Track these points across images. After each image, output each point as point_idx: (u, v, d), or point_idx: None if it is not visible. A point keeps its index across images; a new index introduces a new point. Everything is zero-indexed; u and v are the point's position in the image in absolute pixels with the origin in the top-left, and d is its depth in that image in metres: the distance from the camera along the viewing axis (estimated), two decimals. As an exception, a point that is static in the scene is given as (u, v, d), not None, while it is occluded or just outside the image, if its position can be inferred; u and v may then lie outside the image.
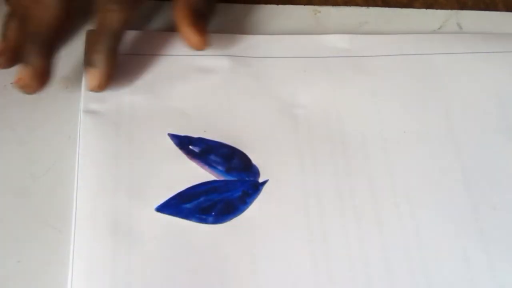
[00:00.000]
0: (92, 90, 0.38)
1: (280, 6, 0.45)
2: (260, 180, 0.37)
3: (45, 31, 0.37)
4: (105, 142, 0.37)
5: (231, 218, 0.35)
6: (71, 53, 0.42)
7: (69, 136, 0.38)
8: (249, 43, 0.42)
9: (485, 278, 0.34)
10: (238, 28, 0.44)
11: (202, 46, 0.39)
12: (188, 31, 0.39)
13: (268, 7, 0.45)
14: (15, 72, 0.41)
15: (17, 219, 0.35)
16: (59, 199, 0.36)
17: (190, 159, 0.37)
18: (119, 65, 0.39)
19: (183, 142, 0.38)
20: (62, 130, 0.39)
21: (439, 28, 0.45)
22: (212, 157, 0.37)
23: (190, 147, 0.38)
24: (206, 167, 0.37)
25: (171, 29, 0.41)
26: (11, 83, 0.41)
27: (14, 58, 0.38)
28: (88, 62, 0.39)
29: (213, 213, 0.35)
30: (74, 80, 0.41)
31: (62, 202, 0.36)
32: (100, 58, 0.37)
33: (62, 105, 0.40)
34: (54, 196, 0.36)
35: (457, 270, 0.34)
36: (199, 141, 0.38)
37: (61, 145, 0.38)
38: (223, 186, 0.37)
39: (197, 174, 0.37)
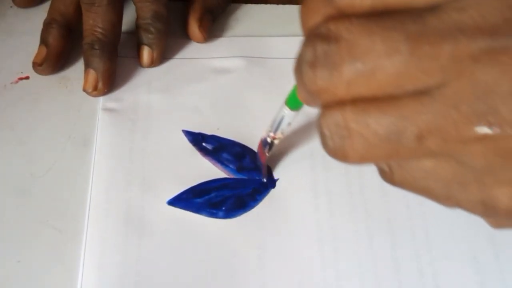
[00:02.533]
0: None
1: (280, 6, 0.45)
2: (272, 178, 0.37)
3: (106, 35, 0.39)
4: (121, 138, 0.38)
5: (241, 214, 0.36)
6: (71, 53, 0.42)
7: (69, 136, 0.38)
8: (264, 45, 0.43)
9: (494, 281, 0.34)
10: (238, 28, 0.44)
11: (201, 39, 0.42)
12: (193, 24, 0.42)
13: (268, 7, 0.45)
14: (16, 72, 0.42)
15: (17, 219, 0.35)
16: (59, 199, 0.36)
17: (203, 156, 0.38)
18: (136, 67, 0.41)
19: (196, 139, 0.38)
20: (62, 130, 0.39)
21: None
22: (225, 155, 0.38)
23: (203, 144, 0.38)
24: (218, 165, 0.37)
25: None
26: (11, 83, 0.41)
27: (57, 64, 0.41)
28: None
29: (223, 208, 0.36)
30: (74, 80, 0.41)
31: (62, 202, 0.36)
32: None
33: (62, 105, 0.40)
34: (54, 196, 0.36)
35: (465, 272, 0.34)
36: (212, 139, 0.38)
37: (61, 145, 0.38)
38: (234, 183, 0.37)
39: (209, 171, 0.37)
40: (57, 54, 0.40)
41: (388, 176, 0.23)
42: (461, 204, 0.22)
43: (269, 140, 0.33)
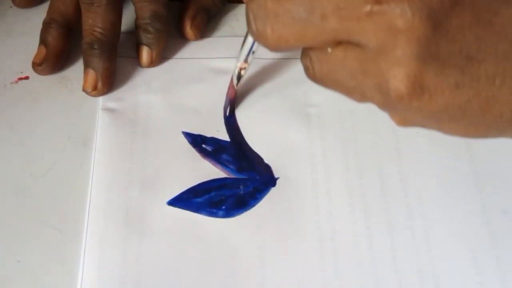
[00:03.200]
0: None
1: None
2: (272, 178, 0.37)
3: (105, 35, 0.39)
4: (121, 138, 0.38)
5: (241, 213, 0.36)
6: (70, 53, 0.42)
7: (69, 136, 0.38)
8: None
9: (494, 281, 0.34)
10: (238, 28, 0.44)
11: (192, 37, 0.42)
12: (185, 22, 0.42)
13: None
14: (16, 72, 0.42)
15: (17, 219, 0.35)
16: (59, 199, 0.36)
17: (203, 157, 0.38)
18: (136, 67, 0.41)
19: (196, 141, 0.38)
20: (62, 130, 0.39)
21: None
22: (224, 156, 0.38)
23: (203, 145, 0.38)
24: (218, 165, 0.37)
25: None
26: (11, 83, 0.41)
27: (56, 64, 0.41)
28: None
29: (223, 207, 0.36)
30: (74, 80, 0.41)
31: (62, 202, 0.36)
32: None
33: (62, 105, 0.40)
34: (54, 196, 0.36)
35: (465, 272, 0.34)
36: (212, 141, 0.38)
37: (61, 145, 0.38)
38: (234, 183, 0.37)
39: (209, 171, 0.37)
40: (56, 54, 0.40)
41: (310, 72, 0.25)
42: (365, 94, 0.24)
43: (237, 71, 0.36)
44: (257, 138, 0.39)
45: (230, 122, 0.39)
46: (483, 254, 0.34)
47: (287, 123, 0.39)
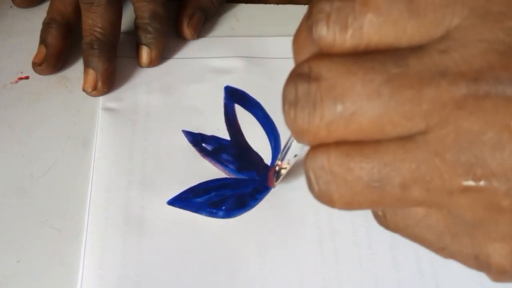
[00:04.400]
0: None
1: (280, 5, 0.45)
2: None
3: (105, 35, 0.39)
4: (121, 137, 0.38)
5: (241, 213, 0.36)
6: (70, 53, 0.42)
7: (69, 136, 0.38)
8: (264, 45, 0.43)
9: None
10: (238, 28, 0.44)
11: (189, 36, 0.43)
12: (182, 21, 0.42)
13: (268, 7, 0.45)
14: (16, 72, 0.41)
15: (17, 219, 0.35)
16: (59, 199, 0.36)
17: (203, 157, 0.38)
18: (136, 67, 0.41)
19: (196, 140, 0.38)
20: (62, 130, 0.39)
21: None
22: (224, 155, 0.38)
23: (203, 144, 0.38)
24: (218, 165, 0.37)
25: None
26: (11, 83, 0.41)
27: (56, 64, 0.41)
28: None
29: (223, 208, 0.36)
30: (73, 80, 0.41)
31: (62, 202, 0.36)
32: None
33: (62, 105, 0.40)
34: (54, 196, 0.36)
35: (465, 272, 0.34)
36: (212, 139, 0.38)
37: (61, 145, 0.38)
38: (234, 183, 0.37)
39: (209, 171, 0.37)
40: (56, 54, 0.40)
41: (382, 220, 0.22)
42: (454, 256, 0.21)
43: (277, 168, 0.33)
44: (257, 138, 0.39)
45: (233, 119, 0.39)
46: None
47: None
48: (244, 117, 0.39)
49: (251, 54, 0.42)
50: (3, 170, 0.37)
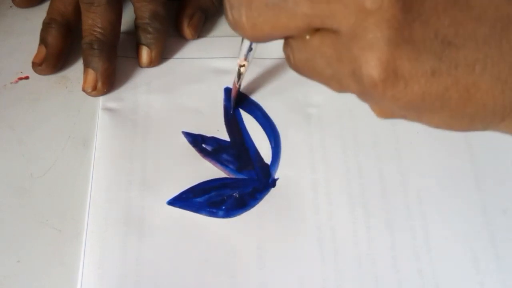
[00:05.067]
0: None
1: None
2: (272, 178, 0.37)
3: (105, 35, 0.39)
4: (121, 138, 0.38)
5: (241, 213, 0.36)
6: (70, 53, 0.42)
7: (69, 136, 0.38)
8: (263, 45, 0.42)
9: (494, 281, 0.34)
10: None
11: (189, 36, 0.42)
12: (182, 21, 0.42)
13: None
14: (16, 72, 0.41)
15: (17, 219, 0.35)
16: (59, 199, 0.36)
17: (203, 157, 0.38)
18: (136, 67, 0.41)
19: (196, 140, 0.38)
20: (62, 130, 0.39)
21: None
22: (224, 156, 0.38)
23: (203, 145, 0.38)
24: (218, 165, 0.37)
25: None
26: (11, 83, 0.41)
27: (56, 64, 0.41)
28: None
29: (223, 207, 0.36)
30: (73, 80, 0.41)
31: (62, 202, 0.36)
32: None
33: (62, 105, 0.40)
34: (54, 196, 0.36)
35: (465, 272, 0.34)
36: (212, 140, 0.38)
37: (61, 145, 0.38)
38: (234, 183, 0.37)
39: (209, 171, 0.37)
40: (56, 54, 0.40)
41: (290, 60, 0.25)
42: (342, 83, 0.23)
43: (236, 69, 0.35)
44: (257, 138, 0.39)
45: (233, 119, 0.39)
46: (483, 254, 0.34)
47: (287, 123, 0.39)
48: (243, 117, 0.39)
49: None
50: (3, 170, 0.37)
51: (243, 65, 0.35)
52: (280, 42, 0.25)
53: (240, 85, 0.38)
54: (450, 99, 0.22)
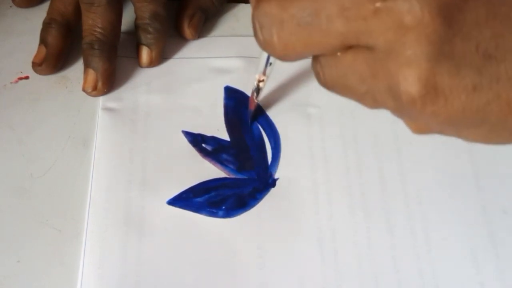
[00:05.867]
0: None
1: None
2: (272, 178, 0.37)
3: (105, 35, 0.39)
4: (121, 137, 0.38)
5: (241, 213, 0.36)
6: (70, 53, 0.42)
7: (69, 136, 0.38)
8: None
9: (494, 281, 0.34)
10: (238, 28, 0.44)
11: (190, 36, 0.42)
12: (183, 21, 0.42)
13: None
14: (16, 72, 0.41)
15: (17, 219, 0.35)
16: (59, 199, 0.36)
17: (203, 157, 0.38)
18: (136, 67, 0.41)
19: (196, 140, 0.38)
20: (62, 130, 0.39)
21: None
22: (224, 155, 0.38)
23: (203, 145, 0.38)
24: (218, 165, 0.37)
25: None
26: (11, 83, 0.41)
27: (56, 64, 0.41)
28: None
29: (223, 207, 0.36)
30: (73, 80, 0.41)
31: (62, 202, 0.36)
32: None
33: (62, 105, 0.40)
34: (54, 196, 0.36)
35: (465, 272, 0.34)
36: (212, 140, 0.38)
37: (61, 145, 0.38)
38: (234, 183, 0.37)
39: (209, 171, 0.37)
40: (56, 54, 0.40)
41: (320, 78, 0.24)
42: (376, 98, 0.23)
43: (255, 83, 0.35)
44: (257, 138, 0.39)
45: (233, 119, 0.39)
46: (483, 254, 0.34)
47: (287, 123, 0.39)
48: (244, 117, 0.39)
49: (251, 54, 0.42)
50: (3, 170, 0.37)
51: (262, 80, 0.35)
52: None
53: (258, 100, 0.37)
54: (491, 114, 0.22)
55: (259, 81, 0.35)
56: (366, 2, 0.21)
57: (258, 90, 0.36)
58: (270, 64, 0.33)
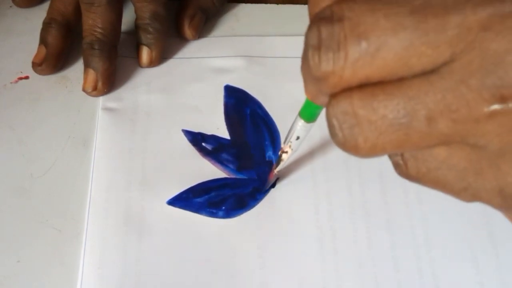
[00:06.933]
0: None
1: (280, 5, 0.45)
2: None
3: (105, 35, 0.39)
4: (121, 137, 0.38)
5: (241, 213, 0.36)
6: (70, 53, 0.42)
7: (69, 136, 0.38)
8: (264, 44, 0.43)
9: (494, 281, 0.34)
10: (238, 27, 0.44)
11: (190, 36, 0.42)
12: (183, 21, 0.42)
13: (268, 7, 0.45)
14: (16, 72, 0.41)
15: (17, 219, 0.35)
16: (59, 199, 0.36)
17: (203, 156, 0.38)
18: (136, 67, 0.41)
19: (196, 139, 0.38)
20: (62, 130, 0.39)
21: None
22: (224, 155, 0.38)
23: (203, 144, 0.38)
24: (218, 164, 0.37)
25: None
26: (11, 83, 0.41)
27: (56, 64, 0.41)
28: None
29: (223, 208, 0.36)
30: (73, 80, 0.41)
31: (62, 202, 0.36)
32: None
33: (62, 105, 0.40)
34: (54, 196, 0.36)
35: (465, 272, 0.34)
36: (212, 138, 0.38)
37: (61, 145, 0.38)
38: (234, 183, 0.37)
39: (209, 171, 0.37)
40: (56, 54, 0.40)
41: (402, 169, 0.22)
42: (478, 195, 0.20)
43: (279, 153, 0.32)
44: (257, 138, 0.39)
45: (233, 118, 0.39)
46: (483, 254, 0.34)
47: (288, 123, 0.39)
48: (244, 116, 0.39)
49: (251, 54, 0.42)
50: (3, 170, 0.37)
51: (286, 152, 0.31)
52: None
53: (277, 171, 0.34)
54: None
55: (283, 151, 0.32)
56: (478, 104, 0.18)
57: (279, 161, 0.33)
58: (298, 138, 0.30)
